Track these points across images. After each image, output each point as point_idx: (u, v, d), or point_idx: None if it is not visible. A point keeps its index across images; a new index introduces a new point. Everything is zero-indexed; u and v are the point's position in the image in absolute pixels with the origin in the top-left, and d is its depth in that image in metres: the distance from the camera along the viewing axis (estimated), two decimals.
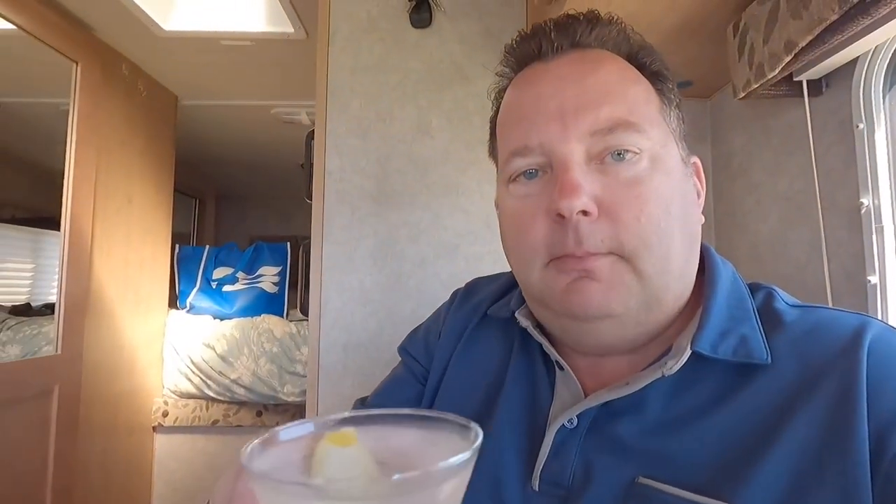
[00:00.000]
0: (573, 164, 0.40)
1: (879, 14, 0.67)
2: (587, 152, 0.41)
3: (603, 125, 0.40)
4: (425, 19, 1.39)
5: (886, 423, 0.34)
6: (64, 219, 1.79)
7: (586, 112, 0.41)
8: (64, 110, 1.85)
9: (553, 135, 0.41)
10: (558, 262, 0.41)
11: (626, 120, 0.40)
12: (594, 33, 0.45)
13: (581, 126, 0.40)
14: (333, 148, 1.40)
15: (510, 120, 0.46)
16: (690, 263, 0.43)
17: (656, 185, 0.40)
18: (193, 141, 2.95)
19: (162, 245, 2.40)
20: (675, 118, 0.45)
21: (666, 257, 0.40)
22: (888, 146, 0.84)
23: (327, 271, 1.36)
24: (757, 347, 0.39)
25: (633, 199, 0.39)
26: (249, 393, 2.24)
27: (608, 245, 0.39)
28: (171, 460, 2.31)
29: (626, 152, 0.40)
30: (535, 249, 0.42)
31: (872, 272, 0.84)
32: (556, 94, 0.42)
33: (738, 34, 0.96)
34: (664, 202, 0.40)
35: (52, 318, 1.82)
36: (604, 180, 0.40)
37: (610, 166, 0.40)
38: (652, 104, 0.43)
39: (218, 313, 2.50)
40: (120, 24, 1.85)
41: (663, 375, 0.39)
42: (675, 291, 0.42)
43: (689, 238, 0.42)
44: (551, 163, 0.42)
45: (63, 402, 1.75)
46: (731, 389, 0.39)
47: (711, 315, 0.41)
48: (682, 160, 0.44)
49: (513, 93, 0.48)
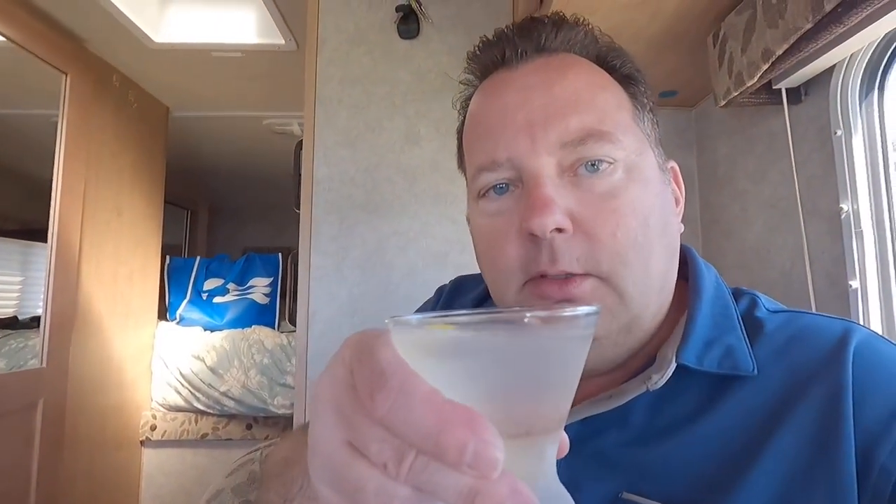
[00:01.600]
0: (544, 179, 0.38)
1: (852, 22, 0.69)
2: (559, 165, 0.39)
3: (573, 136, 0.38)
4: (413, 30, 1.40)
5: (873, 435, 0.33)
6: (51, 230, 1.78)
7: (555, 123, 0.39)
8: (54, 122, 1.84)
9: (522, 149, 0.39)
10: (536, 285, 0.39)
11: (598, 129, 0.39)
12: (559, 36, 0.43)
13: (550, 138, 0.39)
14: (322, 158, 1.40)
15: (476, 133, 0.44)
16: (669, 277, 0.42)
17: (633, 196, 0.38)
18: (185, 152, 2.95)
19: (152, 256, 2.39)
20: (649, 123, 0.44)
21: (645, 273, 0.38)
22: (865, 152, 0.85)
23: (315, 281, 1.36)
24: (743, 359, 0.38)
25: (608, 213, 0.38)
26: (239, 405, 2.21)
27: (584, 265, 0.37)
28: (160, 475, 2.27)
29: (600, 163, 0.38)
30: (509, 271, 0.40)
31: (853, 277, 0.84)
32: (523, 104, 0.40)
33: (718, 43, 0.97)
34: (642, 215, 0.38)
35: (38, 332, 1.80)
36: (578, 194, 0.38)
37: (583, 179, 0.38)
38: (624, 110, 0.42)
39: (208, 325, 2.48)
40: (111, 36, 1.86)
41: (648, 390, 0.38)
42: (655, 308, 0.41)
43: (668, 250, 0.41)
44: (521, 177, 0.40)
45: (48, 415, 1.72)
46: (715, 400, 0.38)
47: (696, 324, 0.40)
48: (658, 167, 0.43)
49: (478, 103, 0.45)
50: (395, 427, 0.18)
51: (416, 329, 0.21)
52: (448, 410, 0.18)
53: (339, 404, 0.21)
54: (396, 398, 0.18)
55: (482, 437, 0.17)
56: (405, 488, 0.19)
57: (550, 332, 0.21)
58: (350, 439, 0.20)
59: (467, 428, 0.17)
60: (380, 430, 0.19)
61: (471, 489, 0.18)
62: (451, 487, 0.18)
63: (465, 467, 0.17)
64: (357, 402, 0.20)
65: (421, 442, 0.18)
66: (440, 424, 0.18)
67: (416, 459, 0.18)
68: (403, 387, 0.18)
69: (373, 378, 0.19)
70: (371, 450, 0.19)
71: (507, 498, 0.18)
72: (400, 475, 0.19)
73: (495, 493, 0.18)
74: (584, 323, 0.21)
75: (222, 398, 2.21)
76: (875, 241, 0.84)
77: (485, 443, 0.17)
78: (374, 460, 0.19)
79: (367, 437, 0.19)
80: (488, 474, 0.17)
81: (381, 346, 0.20)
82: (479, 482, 0.18)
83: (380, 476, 0.19)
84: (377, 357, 0.19)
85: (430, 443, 0.18)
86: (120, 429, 2.13)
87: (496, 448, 0.17)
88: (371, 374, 0.19)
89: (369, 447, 0.19)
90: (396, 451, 0.19)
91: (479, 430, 0.17)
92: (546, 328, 0.21)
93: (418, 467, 0.18)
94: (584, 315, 0.21)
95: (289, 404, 2.18)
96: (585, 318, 0.21)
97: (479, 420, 0.18)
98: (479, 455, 0.17)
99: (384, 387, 0.19)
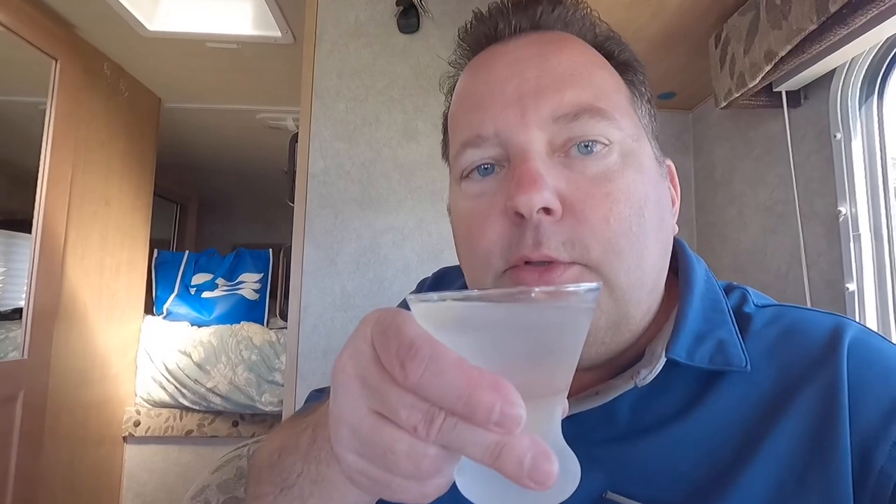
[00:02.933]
0: (533, 154, 0.35)
1: (856, 24, 0.69)
2: (550, 142, 0.36)
3: (567, 110, 0.35)
4: (413, 24, 1.39)
5: (870, 434, 0.32)
6: (36, 219, 1.73)
7: (548, 95, 0.36)
8: (42, 109, 1.80)
9: (510, 122, 0.36)
10: (515, 273, 0.35)
11: (593, 105, 0.36)
12: (556, 13, 0.40)
13: (542, 111, 0.36)
14: (318, 151, 1.38)
15: (462, 109, 0.41)
16: (661, 276, 0.39)
17: (628, 182, 0.36)
18: (176, 145, 2.91)
19: (139, 249, 2.34)
20: (646, 113, 0.41)
21: (639, 266, 0.35)
22: (864, 155, 0.86)
23: (308, 275, 1.34)
24: (735, 354, 0.37)
25: (602, 197, 0.35)
26: (226, 402, 2.18)
27: (570, 252, 0.34)
28: (142, 472, 2.23)
29: (594, 143, 0.36)
30: (488, 254, 0.36)
31: (850, 279, 0.85)
32: (514, 76, 0.37)
33: (720, 45, 0.97)
34: (637, 203, 0.36)
35: (20, 323, 1.75)
36: (568, 175, 0.35)
37: (576, 160, 0.36)
38: (621, 94, 0.39)
39: (196, 320, 2.44)
40: (103, 23, 1.82)
41: (636, 386, 0.37)
42: (645, 308, 0.38)
43: (662, 247, 0.38)
44: (508, 155, 0.37)
45: (28, 409, 1.67)
46: (704, 397, 0.36)
47: (687, 318, 0.38)
48: (655, 159, 0.40)
49: (465, 79, 0.42)
50: (426, 392, 0.20)
51: (438, 304, 0.23)
52: (476, 375, 0.20)
53: (364, 376, 0.22)
54: (428, 366, 0.20)
55: (508, 398, 0.19)
56: (433, 447, 0.21)
57: (558, 304, 0.23)
58: (377, 408, 0.22)
59: (494, 391, 0.19)
60: (409, 396, 0.21)
61: (497, 443, 0.20)
62: (479, 443, 0.20)
63: (492, 425, 0.19)
64: (383, 373, 0.21)
65: (451, 405, 0.20)
66: (470, 388, 0.19)
67: (445, 421, 0.20)
68: (433, 355, 0.20)
69: (401, 350, 0.21)
70: (401, 415, 0.21)
71: (528, 449, 0.20)
72: (430, 435, 0.20)
73: (518, 446, 0.20)
74: (586, 297, 0.24)
75: (209, 394, 2.17)
76: (872, 244, 0.84)
77: (510, 403, 0.19)
78: (403, 425, 0.21)
79: (396, 403, 0.21)
80: (512, 430, 0.20)
81: (405, 321, 0.22)
82: (503, 437, 0.20)
83: (409, 438, 0.21)
84: (404, 331, 0.21)
85: (461, 405, 0.20)
86: (102, 424, 2.08)
87: (520, 408, 0.19)
88: (400, 346, 0.21)
89: (399, 413, 0.21)
90: (426, 415, 0.20)
91: (505, 393, 0.19)
92: (553, 300, 0.23)
93: (447, 427, 0.20)
94: (585, 290, 0.23)
95: (276, 402, 2.15)
96: (587, 293, 0.24)
97: (503, 383, 0.20)
98: (504, 414, 0.19)
99: (416, 356, 0.20)
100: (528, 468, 0.20)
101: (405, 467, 0.22)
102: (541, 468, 0.20)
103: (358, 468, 0.23)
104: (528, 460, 0.20)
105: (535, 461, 0.20)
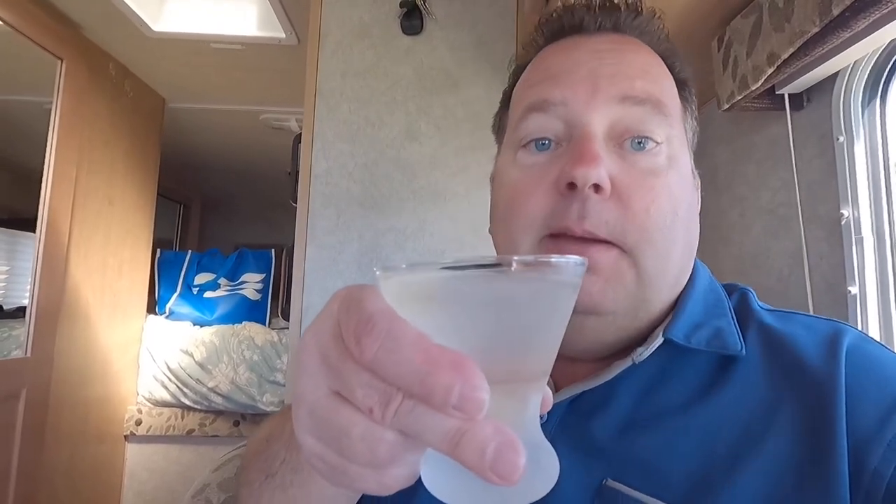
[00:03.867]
0: (595, 135, 0.38)
1: (859, 27, 0.69)
2: (611, 127, 0.39)
3: (637, 93, 0.39)
4: (416, 26, 1.40)
5: (865, 436, 0.33)
6: (40, 218, 1.74)
7: (621, 79, 0.39)
8: (47, 109, 1.81)
9: (580, 95, 0.39)
10: (555, 241, 0.38)
11: (660, 99, 0.39)
12: (636, 22, 0.44)
13: (612, 91, 0.38)
14: (321, 151, 1.39)
15: (533, 79, 0.43)
16: (683, 274, 0.42)
17: (671, 181, 0.39)
18: (180, 145, 2.92)
19: (142, 249, 2.35)
20: (690, 129, 0.45)
21: (666, 257, 0.38)
22: (867, 159, 0.85)
23: (310, 274, 1.34)
24: (731, 339, 0.39)
25: (647, 189, 0.38)
26: (227, 402, 2.18)
27: (610, 230, 0.36)
28: (143, 471, 2.23)
29: (647, 140, 0.39)
30: (531, 221, 0.39)
31: (853, 283, 0.84)
32: (592, 60, 0.40)
33: (723, 47, 0.97)
34: (674, 201, 0.39)
35: (24, 322, 1.76)
36: (621, 163, 0.38)
37: (628, 153, 0.39)
38: (677, 103, 0.43)
39: (198, 319, 2.44)
40: (108, 23, 1.83)
41: (633, 363, 0.38)
42: (664, 298, 0.41)
43: (687, 248, 0.41)
44: (571, 133, 0.39)
45: (30, 406, 1.68)
46: (705, 390, 0.38)
47: (687, 307, 0.41)
48: (692, 170, 0.44)
49: (542, 57, 0.45)
50: (382, 370, 0.18)
51: (405, 273, 0.21)
52: (435, 353, 0.18)
53: (325, 354, 0.21)
54: (384, 342, 0.18)
55: (469, 379, 0.17)
56: (391, 432, 0.20)
57: (537, 276, 0.21)
58: (336, 388, 0.20)
59: (454, 370, 0.18)
60: (366, 375, 0.19)
61: (457, 430, 0.18)
62: (437, 429, 0.18)
63: (451, 409, 0.18)
64: (343, 351, 0.20)
65: (408, 385, 0.18)
66: (427, 367, 0.18)
67: (402, 403, 0.19)
68: (391, 330, 0.18)
69: (360, 324, 0.19)
70: (357, 395, 0.19)
71: (491, 438, 0.18)
72: (386, 418, 0.19)
73: (480, 433, 0.18)
74: (570, 271, 0.21)
75: (210, 394, 2.18)
76: (875, 248, 0.84)
77: (471, 385, 0.17)
78: (359, 406, 0.19)
79: (353, 382, 0.19)
80: (474, 416, 0.18)
81: (368, 295, 0.20)
82: (464, 423, 0.18)
83: (365, 420, 0.19)
84: (364, 305, 0.19)
85: (416, 385, 0.18)
86: (104, 422, 2.09)
87: (482, 390, 0.18)
88: (358, 321, 0.19)
89: (355, 393, 0.19)
90: (383, 395, 0.19)
91: (466, 373, 0.18)
92: (532, 272, 0.21)
93: (404, 410, 0.19)
94: (572, 263, 0.21)
95: (278, 402, 2.16)
96: (573, 266, 0.21)
97: (465, 363, 0.18)
98: (464, 397, 0.17)
99: (371, 331, 0.18)
100: (491, 459, 0.17)
101: (361, 453, 0.20)
102: (504, 459, 0.17)
103: (315, 452, 0.22)
104: (491, 450, 0.18)
105: (499, 451, 0.18)
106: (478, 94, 1.41)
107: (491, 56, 1.42)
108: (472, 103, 1.41)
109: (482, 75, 1.42)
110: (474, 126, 1.40)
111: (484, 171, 1.43)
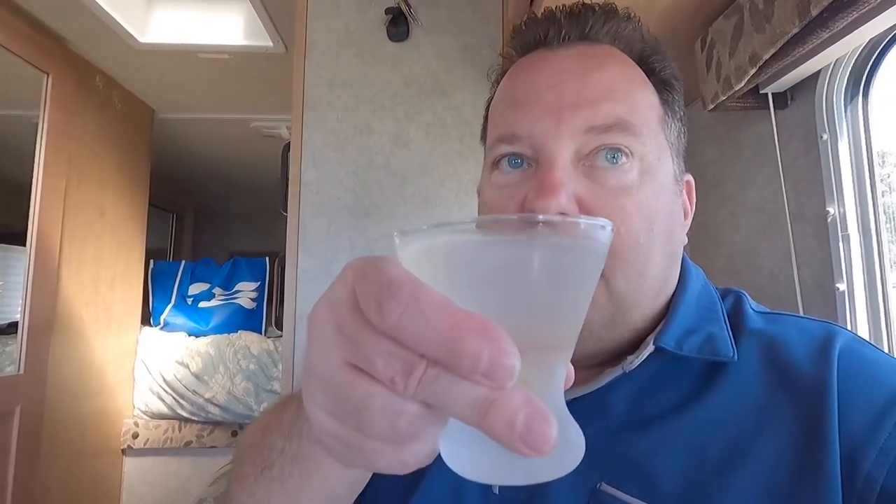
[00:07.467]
0: (559, 163, 0.38)
1: (837, 27, 0.69)
2: (577, 151, 0.38)
3: (600, 122, 0.38)
4: (402, 33, 1.40)
5: (858, 439, 0.33)
6: (30, 232, 1.73)
7: (584, 108, 0.38)
8: (35, 123, 1.80)
9: (545, 129, 0.39)
10: None
11: (626, 120, 0.38)
12: (606, 27, 0.42)
13: (576, 123, 0.38)
14: (310, 160, 1.38)
15: (504, 105, 0.44)
16: (668, 283, 0.42)
17: (642, 198, 0.38)
18: (171, 155, 2.91)
19: (135, 260, 2.34)
20: (675, 131, 0.44)
21: (641, 274, 0.38)
22: (851, 156, 0.86)
23: (303, 284, 1.34)
24: (723, 346, 0.38)
25: (616, 209, 0.37)
26: (224, 412, 2.17)
27: None
28: (142, 484, 2.22)
29: (619, 154, 0.38)
30: None
31: (840, 280, 0.85)
32: (555, 85, 0.40)
33: (706, 48, 0.98)
34: (648, 217, 0.38)
35: (16, 338, 1.74)
36: (589, 184, 0.38)
37: (599, 171, 0.38)
38: (654, 111, 0.41)
39: (193, 330, 2.43)
40: (95, 36, 1.82)
41: (624, 371, 0.38)
42: (645, 309, 0.40)
43: (669, 258, 0.41)
44: (538, 158, 0.39)
45: (25, 423, 1.67)
46: (698, 394, 0.38)
47: (679, 314, 0.40)
48: (674, 177, 0.43)
49: (511, 78, 0.45)
50: (406, 337, 0.17)
51: (426, 234, 0.20)
52: (462, 318, 0.17)
53: (339, 323, 0.19)
54: (407, 306, 0.17)
55: (498, 344, 0.16)
56: (413, 404, 0.18)
57: (566, 237, 0.20)
58: (352, 359, 0.19)
59: (483, 336, 0.17)
60: (386, 343, 0.18)
61: (485, 399, 0.17)
62: (464, 399, 0.17)
63: (480, 376, 0.17)
64: (361, 319, 0.18)
65: (433, 351, 0.17)
66: (454, 332, 0.17)
67: (426, 371, 0.17)
68: (415, 295, 0.17)
69: (380, 290, 0.18)
70: (377, 365, 0.18)
71: (521, 407, 0.17)
72: (408, 389, 0.18)
73: (510, 402, 0.17)
74: (594, 234, 0.21)
75: (207, 405, 2.17)
76: (861, 244, 0.84)
77: (501, 351, 0.16)
78: (380, 376, 0.18)
79: (372, 351, 0.18)
80: (503, 383, 0.17)
81: (388, 262, 0.19)
82: (493, 392, 0.17)
83: (385, 392, 0.18)
84: (384, 270, 0.18)
85: (442, 351, 0.17)
86: (100, 437, 2.07)
87: (513, 356, 0.17)
88: (379, 287, 0.18)
89: (374, 362, 0.18)
90: (405, 364, 0.18)
91: (496, 338, 0.17)
92: (561, 233, 0.20)
93: (429, 379, 0.17)
94: (599, 226, 0.20)
95: None
96: (600, 229, 0.20)
97: (494, 328, 0.17)
98: (494, 363, 0.16)
99: (394, 296, 0.17)
100: (521, 429, 0.17)
101: (380, 427, 0.19)
102: (536, 429, 0.17)
103: (328, 429, 0.20)
104: (521, 420, 0.17)
105: (530, 421, 0.17)
106: (465, 99, 1.41)
107: (477, 62, 1.42)
108: (461, 108, 1.41)
109: (469, 80, 1.42)
110: (462, 132, 1.40)
111: (472, 176, 1.43)
